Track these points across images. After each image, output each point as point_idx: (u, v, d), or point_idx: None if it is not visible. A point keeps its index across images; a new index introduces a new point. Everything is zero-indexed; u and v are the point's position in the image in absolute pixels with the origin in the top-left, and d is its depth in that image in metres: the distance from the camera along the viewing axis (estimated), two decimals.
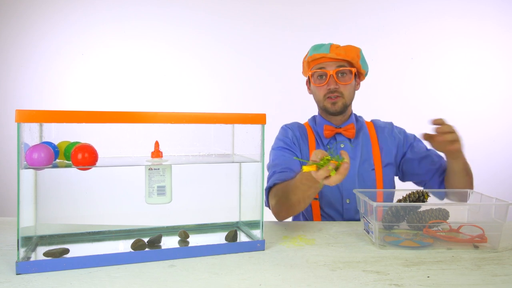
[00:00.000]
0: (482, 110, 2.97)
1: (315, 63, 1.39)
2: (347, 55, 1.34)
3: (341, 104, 1.37)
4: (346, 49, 1.35)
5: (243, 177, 1.15)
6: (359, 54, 1.37)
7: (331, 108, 1.38)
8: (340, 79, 1.36)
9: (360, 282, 0.79)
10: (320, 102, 1.42)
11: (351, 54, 1.34)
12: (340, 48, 1.35)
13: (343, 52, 1.33)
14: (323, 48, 1.36)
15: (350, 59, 1.34)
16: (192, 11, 2.99)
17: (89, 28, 2.97)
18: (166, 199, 0.98)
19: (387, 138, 1.45)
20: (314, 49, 1.38)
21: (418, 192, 1.10)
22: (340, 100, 1.37)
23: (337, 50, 1.34)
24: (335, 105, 1.37)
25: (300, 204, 1.17)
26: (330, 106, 1.38)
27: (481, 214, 1.07)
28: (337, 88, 1.35)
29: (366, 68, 1.41)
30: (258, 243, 0.99)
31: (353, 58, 1.35)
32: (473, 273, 0.85)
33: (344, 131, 1.41)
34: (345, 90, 1.37)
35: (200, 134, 1.11)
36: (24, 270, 0.81)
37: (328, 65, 1.36)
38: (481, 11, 2.96)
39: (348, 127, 1.41)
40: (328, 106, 1.39)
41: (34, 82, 3.00)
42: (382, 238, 1.05)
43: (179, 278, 0.81)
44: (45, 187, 0.96)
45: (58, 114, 0.81)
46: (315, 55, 1.36)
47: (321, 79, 1.38)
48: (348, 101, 1.39)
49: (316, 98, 1.44)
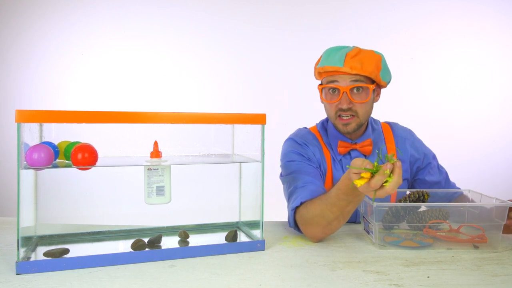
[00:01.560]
0: (482, 110, 2.97)
1: (326, 74, 1.20)
2: (364, 69, 1.14)
3: (354, 125, 1.20)
4: (363, 61, 1.15)
5: (243, 177, 1.15)
6: (379, 65, 1.18)
7: (342, 129, 1.22)
8: (355, 96, 1.17)
9: (360, 282, 0.79)
10: (331, 119, 1.25)
11: (369, 68, 1.15)
12: (357, 58, 1.15)
13: (359, 65, 1.14)
14: (337, 59, 1.16)
15: (368, 74, 1.15)
16: (192, 11, 2.99)
17: (89, 28, 2.97)
18: (165, 199, 0.98)
19: (407, 153, 1.32)
20: (326, 58, 1.18)
21: (418, 192, 1.11)
22: (354, 120, 1.20)
23: (353, 62, 1.14)
24: (347, 126, 1.20)
25: (339, 221, 1.01)
26: (341, 127, 1.22)
27: (481, 214, 1.07)
28: (351, 107, 1.17)
29: (387, 78, 1.22)
30: (258, 243, 0.99)
31: (371, 72, 1.15)
32: (473, 273, 0.85)
33: (360, 148, 1.25)
34: (361, 109, 1.18)
35: (200, 134, 1.11)
36: (24, 270, 0.81)
37: (342, 78, 1.16)
38: (481, 11, 2.96)
39: (364, 144, 1.25)
40: (339, 127, 1.23)
41: (34, 82, 3.00)
42: (382, 238, 1.05)
43: (179, 278, 0.81)
44: (45, 187, 0.96)
45: (58, 114, 0.81)
46: (326, 68, 1.17)
47: (332, 94, 1.20)
48: (363, 120, 1.21)
49: (327, 113, 1.26)
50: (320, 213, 1.02)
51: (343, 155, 1.28)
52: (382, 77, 1.19)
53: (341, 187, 0.94)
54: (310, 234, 1.08)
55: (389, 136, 1.34)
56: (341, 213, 0.99)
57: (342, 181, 0.94)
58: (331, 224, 1.02)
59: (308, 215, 1.05)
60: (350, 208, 0.98)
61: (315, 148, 1.28)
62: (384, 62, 1.21)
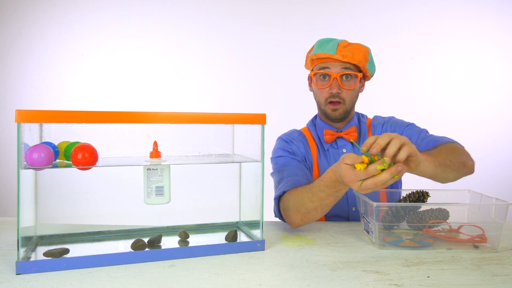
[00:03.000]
0: (482, 110, 2.97)
1: (319, 61, 1.31)
2: (354, 57, 1.26)
3: (342, 111, 1.31)
4: (354, 51, 1.26)
5: (243, 177, 1.14)
6: (367, 56, 1.29)
7: (331, 114, 1.32)
8: (344, 83, 1.29)
9: (360, 282, 0.79)
10: (321, 105, 1.35)
11: (358, 57, 1.26)
12: (348, 48, 1.26)
13: (350, 54, 1.25)
14: (329, 47, 1.27)
15: (357, 63, 1.27)
16: (192, 11, 2.98)
17: (89, 28, 2.97)
18: (164, 200, 0.98)
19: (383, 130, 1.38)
20: (319, 45, 1.30)
21: (418, 192, 1.11)
22: (341, 107, 1.31)
23: (344, 51, 1.25)
24: (336, 112, 1.31)
25: (317, 212, 1.07)
26: (330, 112, 1.32)
27: (481, 214, 1.07)
28: (340, 93, 1.28)
29: (372, 70, 1.34)
30: (258, 243, 0.99)
31: (360, 62, 1.27)
32: (473, 273, 0.85)
33: (345, 135, 1.35)
34: (348, 95, 1.30)
35: (200, 134, 1.11)
36: (24, 270, 0.81)
37: (333, 65, 1.28)
38: (481, 11, 2.96)
39: (349, 131, 1.35)
40: (328, 112, 1.33)
41: (34, 82, 3.00)
42: (382, 238, 1.05)
43: (179, 278, 0.81)
44: (45, 187, 0.96)
45: (58, 114, 0.81)
46: (320, 54, 1.28)
47: (323, 80, 1.31)
48: (349, 107, 1.32)
49: (316, 99, 1.37)
50: (300, 200, 1.09)
51: (330, 144, 1.38)
52: (368, 68, 1.31)
53: (324, 179, 1.00)
54: (290, 220, 1.15)
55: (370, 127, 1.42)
56: (320, 204, 1.05)
57: (326, 174, 1.00)
58: (310, 213, 1.08)
59: (290, 202, 1.13)
60: (330, 201, 1.04)
61: (299, 143, 1.38)
62: (371, 54, 1.33)
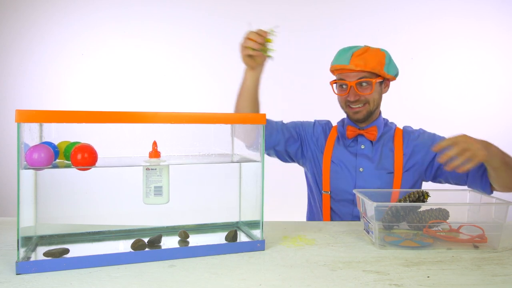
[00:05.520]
0: (482, 110, 2.97)
1: (336, 72, 1.40)
2: (367, 65, 1.32)
3: (365, 112, 1.39)
4: (367, 59, 1.33)
5: (243, 177, 1.14)
6: (382, 61, 1.35)
7: (353, 116, 1.41)
8: (361, 90, 1.35)
9: (360, 282, 0.79)
10: (343, 108, 1.45)
11: (371, 64, 1.32)
12: (361, 57, 1.33)
13: (363, 62, 1.32)
14: (343, 59, 1.35)
15: (370, 69, 1.33)
16: (192, 11, 2.98)
17: (89, 28, 2.97)
18: (163, 200, 0.98)
19: (413, 141, 1.42)
20: (337, 57, 1.39)
21: (418, 192, 1.11)
22: (364, 108, 1.38)
23: (357, 60, 1.32)
24: (358, 114, 1.39)
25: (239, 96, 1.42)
26: (352, 115, 1.41)
27: (481, 214, 1.07)
28: (359, 98, 1.36)
29: (393, 72, 1.39)
30: (258, 243, 0.99)
31: (373, 68, 1.33)
32: (473, 273, 0.85)
33: (366, 133, 1.42)
34: (370, 97, 1.37)
35: (200, 134, 1.11)
36: (24, 270, 0.81)
37: (348, 76, 1.36)
38: (481, 11, 2.96)
39: (370, 129, 1.42)
40: (350, 114, 1.42)
41: (34, 82, 3.00)
42: (382, 238, 1.05)
43: (179, 278, 0.81)
44: (45, 187, 0.96)
45: (58, 114, 0.81)
46: (335, 66, 1.38)
47: (341, 89, 1.40)
48: (373, 107, 1.39)
49: (339, 104, 1.46)
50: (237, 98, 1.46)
51: (351, 140, 1.46)
52: (386, 71, 1.37)
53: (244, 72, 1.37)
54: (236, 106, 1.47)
55: (399, 134, 1.46)
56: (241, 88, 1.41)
57: None
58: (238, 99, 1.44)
59: None
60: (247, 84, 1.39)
61: (318, 127, 1.54)
62: (388, 58, 1.38)
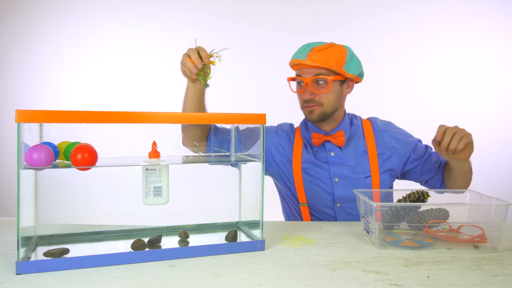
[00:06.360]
0: (482, 110, 2.97)
1: (295, 68, 1.31)
2: (325, 62, 1.22)
3: (318, 112, 1.28)
4: (326, 55, 1.23)
5: (243, 177, 1.14)
6: (343, 58, 1.24)
7: (308, 116, 1.32)
8: (317, 88, 1.26)
9: (360, 282, 0.79)
10: (301, 109, 1.35)
11: (330, 61, 1.22)
12: (320, 53, 1.23)
13: (321, 58, 1.22)
14: (301, 54, 1.26)
15: (328, 67, 1.22)
16: (192, 11, 2.98)
17: (89, 28, 2.97)
18: (162, 200, 0.98)
19: (388, 143, 1.36)
20: (297, 51, 1.30)
21: (418, 192, 1.10)
22: (318, 108, 1.28)
23: (316, 55, 1.23)
24: (312, 114, 1.29)
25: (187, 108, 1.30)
26: (307, 115, 1.31)
27: (481, 214, 1.07)
28: (313, 97, 1.26)
29: (355, 71, 1.27)
30: (258, 243, 0.99)
31: (332, 65, 1.22)
32: (473, 273, 0.85)
33: (333, 139, 1.33)
34: (324, 98, 1.26)
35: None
36: (24, 270, 0.81)
37: (305, 72, 1.26)
38: (481, 11, 2.96)
39: (337, 135, 1.33)
40: (306, 115, 1.33)
41: (34, 82, 2.99)
42: (382, 238, 1.05)
43: (179, 278, 0.81)
44: (45, 187, 0.96)
45: (58, 114, 0.81)
46: (293, 61, 1.28)
47: (299, 86, 1.31)
48: (328, 109, 1.28)
49: (299, 104, 1.36)
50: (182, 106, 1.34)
51: (318, 147, 1.36)
52: (346, 70, 1.25)
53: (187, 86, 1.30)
54: None
55: (369, 131, 1.38)
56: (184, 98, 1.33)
57: None
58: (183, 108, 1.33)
59: None
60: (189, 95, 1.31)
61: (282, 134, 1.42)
62: (349, 55, 1.26)
